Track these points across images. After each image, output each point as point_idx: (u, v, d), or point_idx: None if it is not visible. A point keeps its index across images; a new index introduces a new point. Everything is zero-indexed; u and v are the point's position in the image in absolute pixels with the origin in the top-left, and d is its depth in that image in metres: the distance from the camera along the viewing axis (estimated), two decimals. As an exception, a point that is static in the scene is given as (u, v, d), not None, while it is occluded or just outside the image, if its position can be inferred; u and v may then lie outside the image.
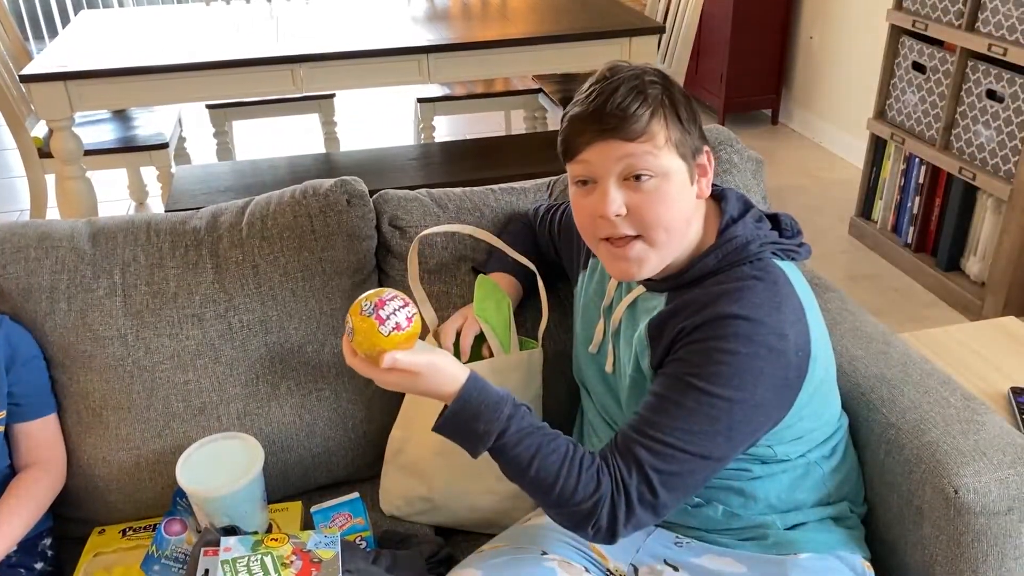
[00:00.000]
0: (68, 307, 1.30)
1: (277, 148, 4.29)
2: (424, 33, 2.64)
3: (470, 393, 1.03)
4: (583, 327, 1.27)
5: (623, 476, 1.01)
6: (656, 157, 1.03)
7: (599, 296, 1.24)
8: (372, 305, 1.02)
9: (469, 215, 1.46)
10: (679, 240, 1.07)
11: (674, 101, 1.05)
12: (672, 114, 1.04)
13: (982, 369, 1.71)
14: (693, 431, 1.01)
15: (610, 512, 1.00)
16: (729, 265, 1.07)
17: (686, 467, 1.01)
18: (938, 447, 1.13)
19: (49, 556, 1.30)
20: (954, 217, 2.77)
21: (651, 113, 1.02)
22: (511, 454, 1.02)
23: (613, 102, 1.02)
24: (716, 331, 1.01)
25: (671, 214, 1.05)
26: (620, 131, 1.02)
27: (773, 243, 1.09)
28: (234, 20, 2.87)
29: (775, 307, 1.03)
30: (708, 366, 1.01)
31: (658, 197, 1.04)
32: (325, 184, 1.41)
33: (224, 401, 1.34)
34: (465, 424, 1.03)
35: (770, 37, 4.12)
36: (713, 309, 1.03)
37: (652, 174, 1.03)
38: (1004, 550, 1.09)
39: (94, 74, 2.35)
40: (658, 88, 1.04)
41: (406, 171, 2.67)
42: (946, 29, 2.69)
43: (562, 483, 1.00)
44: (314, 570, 1.07)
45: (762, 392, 1.01)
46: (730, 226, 1.09)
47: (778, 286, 1.05)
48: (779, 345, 1.01)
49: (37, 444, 1.28)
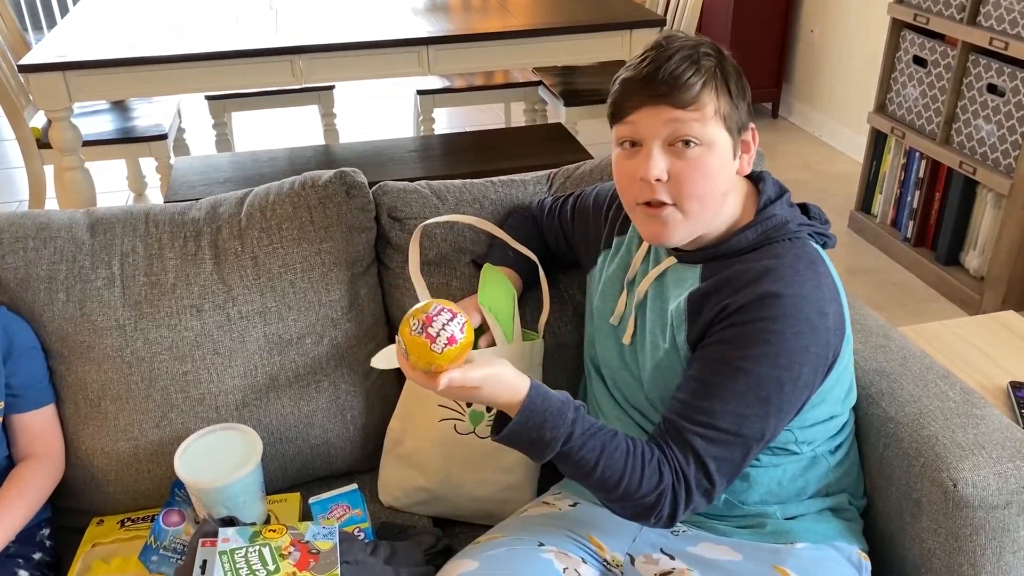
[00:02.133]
0: (66, 297, 1.30)
1: (276, 140, 4.28)
2: (424, 24, 2.63)
3: (534, 402, 1.02)
4: (603, 301, 1.26)
5: (682, 466, 1.03)
6: (703, 126, 1.04)
7: (622, 270, 1.24)
8: (420, 324, 0.99)
9: (468, 207, 1.45)
10: (712, 213, 1.08)
11: (726, 74, 1.06)
12: (723, 86, 1.05)
13: (981, 363, 1.71)
14: (746, 414, 1.02)
15: (672, 501, 1.03)
16: (768, 240, 1.09)
17: (739, 450, 1.04)
18: (937, 441, 1.13)
19: (47, 546, 1.30)
20: (954, 211, 2.77)
21: (703, 83, 1.03)
22: (576, 457, 1.03)
23: (667, 69, 1.03)
24: (762, 311, 1.03)
25: (709, 185, 1.06)
26: (670, 97, 1.03)
27: (808, 224, 1.12)
28: (233, 11, 2.86)
29: (816, 285, 1.05)
30: (756, 347, 1.02)
31: (700, 166, 1.05)
32: (324, 175, 1.40)
33: (223, 392, 1.34)
34: (532, 433, 1.02)
35: (771, 30, 4.11)
36: (757, 287, 1.04)
37: (698, 142, 1.04)
38: (1002, 544, 1.09)
39: (93, 64, 2.34)
40: (712, 60, 1.05)
41: (406, 163, 2.66)
42: (947, 23, 2.68)
43: (627, 480, 1.02)
44: (312, 561, 1.07)
45: (807, 369, 1.04)
46: (768, 206, 1.11)
47: (816, 264, 1.07)
48: (820, 322, 1.04)
49: (36, 435, 1.28)
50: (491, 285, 1.31)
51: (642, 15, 2.70)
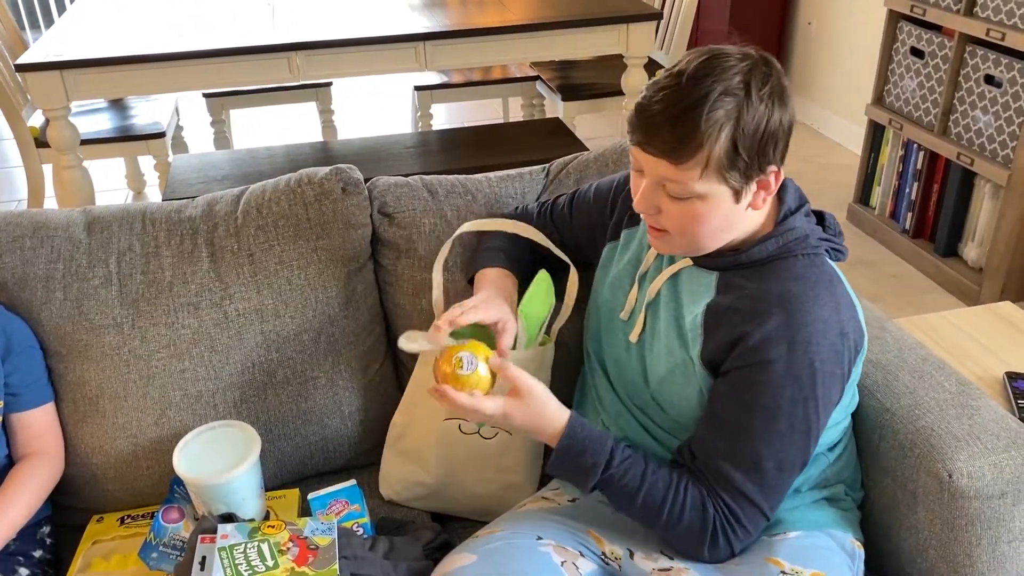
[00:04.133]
0: (64, 296, 1.31)
1: (274, 137, 4.28)
2: (421, 20, 2.63)
3: (575, 428, 1.08)
4: (611, 295, 1.24)
5: (734, 513, 1.06)
6: (696, 183, 1.00)
7: (633, 265, 1.22)
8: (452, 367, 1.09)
9: (460, 200, 1.45)
10: (714, 243, 1.08)
11: (741, 123, 0.98)
12: (729, 140, 0.98)
13: (978, 354, 1.72)
14: (789, 449, 1.05)
15: (725, 540, 1.06)
16: (787, 254, 1.08)
17: (786, 478, 1.07)
18: (933, 432, 1.13)
19: (48, 544, 1.30)
20: (952, 203, 2.77)
21: (703, 140, 0.97)
22: (618, 485, 1.07)
23: (673, 116, 0.97)
24: (782, 344, 1.03)
25: (701, 228, 1.05)
26: (664, 154, 1.00)
27: (826, 240, 1.11)
28: (231, 8, 2.86)
29: (835, 307, 1.05)
30: (789, 387, 1.03)
31: (689, 213, 1.04)
32: (320, 172, 1.40)
33: (221, 389, 1.34)
34: (575, 458, 1.07)
35: (768, 23, 4.10)
36: (773, 317, 1.04)
37: (687, 196, 1.02)
38: (997, 534, 1.09)
39: (90, 63, 2.34)
40: (733, 102, 0.97)
41: (404, 159, 2.66)
42: (944, 14, 2.68)
43: (668, 509, 1.06)
44: (311, 556, 1.08)
45: (835, 391, 1.06)
46: (788, 217, 1.10)
47: (834, 284, 1.07)
48: (843, 344, 1.05)
49: (35, 433, 1.28)
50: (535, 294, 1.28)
51: (639, 9, 2.70)
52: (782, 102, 1.01)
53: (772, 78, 1.00)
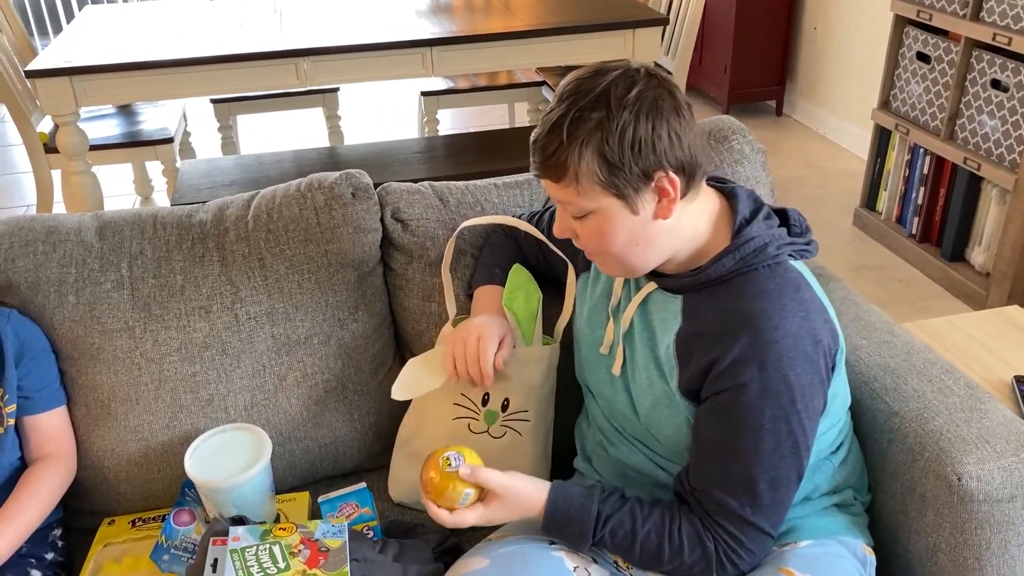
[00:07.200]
0: (76, 300, 1.31)
1: (281, 142, 4.29)
2: (427, 26, 2.64)
3: (556, 504, 1.10)
4: (590, 328, 1.23)
5: (735, 538, 1.05)
6: (582, 198, 1.01)
7: (606, 296, 1.21)
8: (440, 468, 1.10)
9: (470, 209, 1.46)
10: (642, 259, 1.06)
11: (605, 134, 0.97)
12: (596, 152, 0.97)
13: (986, 358, 1.72)
14: (781, 466, 1.03)
15: (732, 566, 1.06)
16: (748, 267, 1.05)
17: (783, 495, 1.05)
18: (941, 435, 1.13)
19: (59, 547, 1.31)
20: (958, 207, 2.77)
21: (570, 155, 0.98)
22: (612, 544, 1.09)
23: (541, 140, 1.01)
24: (757, 364, 1.01)
25: (613, 245, 1.04)
26: (546, 173, 1.02)
27: (788, 243, 1.08)
28: (238, 14, 2.87)
29: (804, 315, 1.03)
30: (770, 406, 1.01)
31: (595, 230, 1.04)
32: (330, 177, 1.41)
33: (231, 392, 1.35)
34: (561, 531, 1.10)
35: (774, 28, 4.11)
36: (742, 336, 1.01)
37: (583, 214, 1.03)
38: (1007, 537, 1.09)
39: (99, 69, 2.36)
40: (595, 117, 0.97)
41: (410, 164, 2.67)
42: (951, 19, 2.68)
43: (668, 555, 1.07)
44: (322, 559, 1.08)
45: (815, 401, 1.04)
46: (744, 227, 1.07)
47: (801, 291, 1.04)
48: (817, 351, 1.03)
49: (48, 437, 1.29)
50: (515, 287, 1.30)
51: (645, 14, 2.70)
52: (654, 108, 0.98)
53: (638, 86, 0.98)
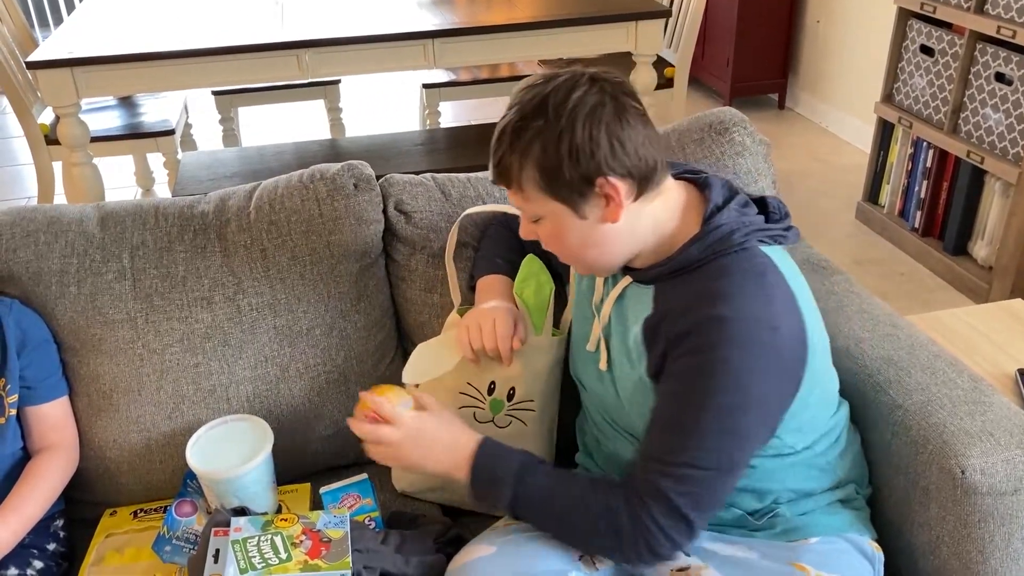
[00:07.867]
0: (78, 291, 1.31)
1: (283, 134, 4.29)
2: (429, 18, 2.63)
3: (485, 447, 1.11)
4: (579, 324, 1.24)
5: (651, 520, 1.00)
6: (531, 204, 1.04)
7: (590, 292, 1.21)
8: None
9: (472, 202, 1.45)
10: (604, 260, 1.08)
11: (544, 142, 0.99)
12: (535, 160, 1.00)
13: (990, 351, 1.72)
14: (709, 448, 0.99)
15: (646, 545, 1.01)
16: (714, 255, 1.03)
17: (710, 484, 1.01)
18: (945, 428, 1.13)
19: (62, 537, 1.31)
20: (962, 201, 2.76)
21: (512, 164, 1.02)
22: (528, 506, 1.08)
23: (492, 147, 1.04)
24: (706, 338, 0.98)
25: (569, 248, 1.07)
26: (498, 180, 1.06)
27: (759, 230, 1.06)
28: (239, 6, 2.86)
29: (765, 301, 1.00)
30: (708, 378, 0.98)
31: (551, 233, 1.07)
32: (332, 168, 1.41)
33: (233, 383, 1.35)
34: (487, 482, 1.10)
35: (776, 21, 4.10)
36: (698, 313, 1.00)
37: (536, 219, 1.06)
38: (1011, 530, 1.09)
39: (100, 60, 2.35)
40: (535, 125, 0.99)
41: (412, 156, 2.67)
42: (954, 11, 2.67)
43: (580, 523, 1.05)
44: (323, 549, 1.08)
45: (764, 389, 0.99)
46: (714, 215, 1.06)
47: (765, 277, 1.02)
48: (772, 339, 0.99)
49: (50, 427, 1.29)
50: (527, 276, 1.29)
51: (647, 7, 2.70)
52: (592, 115, 0.98)
53: (577, 92, 0.99)
